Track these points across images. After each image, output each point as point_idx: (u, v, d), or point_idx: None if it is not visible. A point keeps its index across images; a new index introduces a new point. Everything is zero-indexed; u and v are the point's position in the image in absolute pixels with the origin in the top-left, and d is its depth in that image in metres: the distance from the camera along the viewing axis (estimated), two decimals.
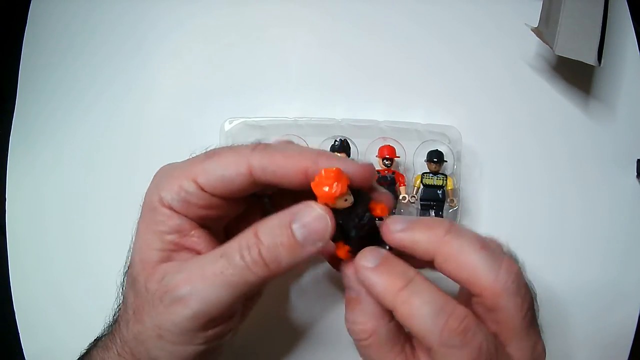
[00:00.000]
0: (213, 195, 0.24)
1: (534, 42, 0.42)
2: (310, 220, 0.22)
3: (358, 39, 0.43)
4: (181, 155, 0.41)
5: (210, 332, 0.24)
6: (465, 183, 0.39)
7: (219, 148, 0.25)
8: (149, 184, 0.26)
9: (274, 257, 0.22)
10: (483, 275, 0.22)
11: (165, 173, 0.26)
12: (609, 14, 0.38)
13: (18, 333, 0.39)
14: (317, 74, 0.42)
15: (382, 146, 0.38)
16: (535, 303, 0.23)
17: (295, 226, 0.22)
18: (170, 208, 0.25)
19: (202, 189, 0.24)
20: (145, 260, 0.25)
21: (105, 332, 0.28)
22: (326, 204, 0.23)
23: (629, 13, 0.43)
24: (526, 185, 0.40)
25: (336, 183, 0.22)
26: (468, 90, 0.42)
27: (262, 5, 0.44)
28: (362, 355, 0.25)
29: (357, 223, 0.24)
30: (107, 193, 0.40)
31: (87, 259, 0.39)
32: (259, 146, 0.24)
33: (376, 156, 0.38)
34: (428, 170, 0.37)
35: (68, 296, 0.39)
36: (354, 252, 0.24)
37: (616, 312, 0.39)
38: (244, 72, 0.42)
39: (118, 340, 0.26)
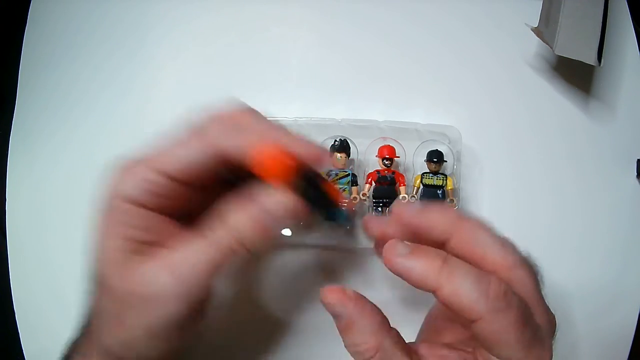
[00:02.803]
0: (177, 181, 0.24)
1: (533, 42, 0.42)
2: (272, 208, 0.24)
3: (358, 38, 0.43)
4: None
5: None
6: (465, 183, 0.39)
7: (177, 134, 0.25)
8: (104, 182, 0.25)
9: (251, 244, 0.24)
10: (495, 252, 0.24)
11: (124, 167, 0.25)
12: (609, 14, 0.38)
13: (18, 333, 0.39)
14: (317, 74, 0.42)
15: (382, 146, 0.38)
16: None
17: (263, 216, 0.24)
18: (134, 202, 0.24)
19: (168, 177, 0.24)
20: (115, 264, 0.24)
21: (79, 336, 0.28)
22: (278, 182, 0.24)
23: (629, 13, 0.43)
24: (526, 185, 0.40)
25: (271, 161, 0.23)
26: (468, 90, 0.42)
27: (262, 5, 0.44)
28: None
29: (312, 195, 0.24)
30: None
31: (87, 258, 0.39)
32: (214, 123, 0.24)
33: (376, 156, 0.38)
34: (428, 170, 0.37)
35: (68, 296, 0.38)
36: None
37: (616, 312, 0.39)
38: (244, 72, 0.42)
39: (101, 349, 0.25)
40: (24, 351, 0.39)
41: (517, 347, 0.22)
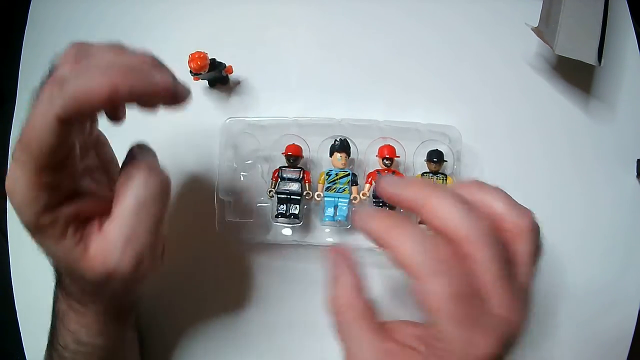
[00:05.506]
0: (49, 166, 0.24)
1: (534, 42, 0.42)
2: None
3: (358, 38, 0.43)
4: (181, 154, 0.41)
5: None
6: None
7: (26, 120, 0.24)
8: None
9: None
10: (458, 225, 0.23)
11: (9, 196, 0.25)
12: (609, 14, 0.38)
13: (19, 332, 0.40)
14: (317, 74, 0.42)
15: (382, 146, 0.38)
16: (505, 259, 0.24)
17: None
18: (41, 215, 0.25)
19: (38, 173, 0.24)
20: (72, 259, 0.26)
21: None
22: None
23: (629, 13, 0.43)
24: (526, 185, 0.40)
25: (192, 63, 0.37)
26: (468, 90, 0.42)
27: (262, 5, 0.44)
28: (341, 333, 0.26)
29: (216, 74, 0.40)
30: None
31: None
32: (53, 88, 0.23)
33: (376, 156, 0.38)
34: (428, 170, 0.37)
35: None
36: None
37: (616, 312, 0.39)
38: (244, 71, 0.42)
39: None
40: (25, 350, 0.39)
41: (450, 322, 0.22)
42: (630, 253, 0.40)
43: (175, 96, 0.26)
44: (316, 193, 0.37)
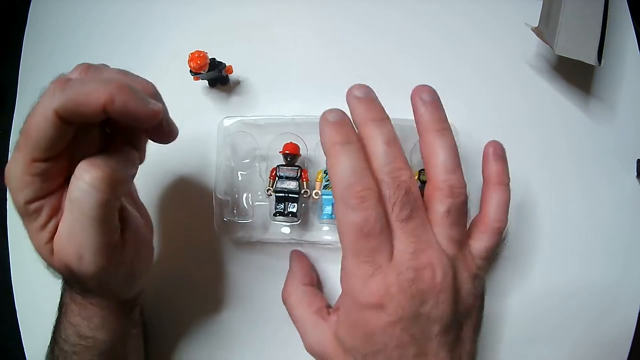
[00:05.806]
0: (45, 155, 0.25)
1: (534, 42, 0.42)
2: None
3: (357, 37, 0.43)
4: (180, 154, 0.41)
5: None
6: None
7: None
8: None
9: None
10: (376, 162, 0.25)
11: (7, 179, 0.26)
12: (609, 14, 0.38)
13: (19, 332, 0.40)
14: (315, 73, 0.42)
15: None
16: (414, 207, 0.25)
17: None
18: (33, 200, 0.25)
19: (33, 161, 0.25)
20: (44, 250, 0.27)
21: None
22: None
23: (629, 13, 0.43)
24: (525, 185, 0.40)
25: (192, 62, 0.37)
26: (468, 89, 0.42)
27: (262, 4, 0.44)
28: (292, 317, 0.32)
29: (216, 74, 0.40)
30: None
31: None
32: (57, 86, 0.24)
33: None
34: None
35: None
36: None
37: (616, 313, 0.39)
38: (244, 71, 0.42)
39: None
40: (24, 349, 0.39)
41: (350, 253, 0.24)
42: (630, 253, 0.40)
43: (162, 127, 0.29)
44: (314, 191, 0.37)
